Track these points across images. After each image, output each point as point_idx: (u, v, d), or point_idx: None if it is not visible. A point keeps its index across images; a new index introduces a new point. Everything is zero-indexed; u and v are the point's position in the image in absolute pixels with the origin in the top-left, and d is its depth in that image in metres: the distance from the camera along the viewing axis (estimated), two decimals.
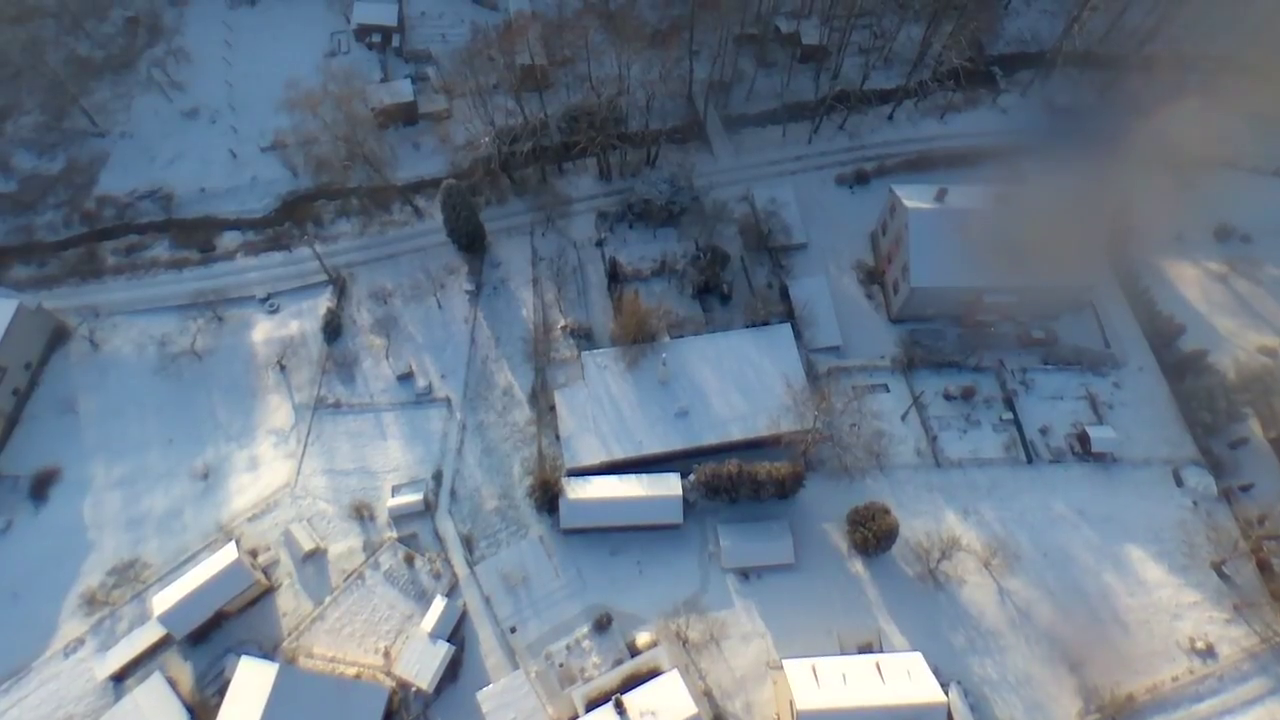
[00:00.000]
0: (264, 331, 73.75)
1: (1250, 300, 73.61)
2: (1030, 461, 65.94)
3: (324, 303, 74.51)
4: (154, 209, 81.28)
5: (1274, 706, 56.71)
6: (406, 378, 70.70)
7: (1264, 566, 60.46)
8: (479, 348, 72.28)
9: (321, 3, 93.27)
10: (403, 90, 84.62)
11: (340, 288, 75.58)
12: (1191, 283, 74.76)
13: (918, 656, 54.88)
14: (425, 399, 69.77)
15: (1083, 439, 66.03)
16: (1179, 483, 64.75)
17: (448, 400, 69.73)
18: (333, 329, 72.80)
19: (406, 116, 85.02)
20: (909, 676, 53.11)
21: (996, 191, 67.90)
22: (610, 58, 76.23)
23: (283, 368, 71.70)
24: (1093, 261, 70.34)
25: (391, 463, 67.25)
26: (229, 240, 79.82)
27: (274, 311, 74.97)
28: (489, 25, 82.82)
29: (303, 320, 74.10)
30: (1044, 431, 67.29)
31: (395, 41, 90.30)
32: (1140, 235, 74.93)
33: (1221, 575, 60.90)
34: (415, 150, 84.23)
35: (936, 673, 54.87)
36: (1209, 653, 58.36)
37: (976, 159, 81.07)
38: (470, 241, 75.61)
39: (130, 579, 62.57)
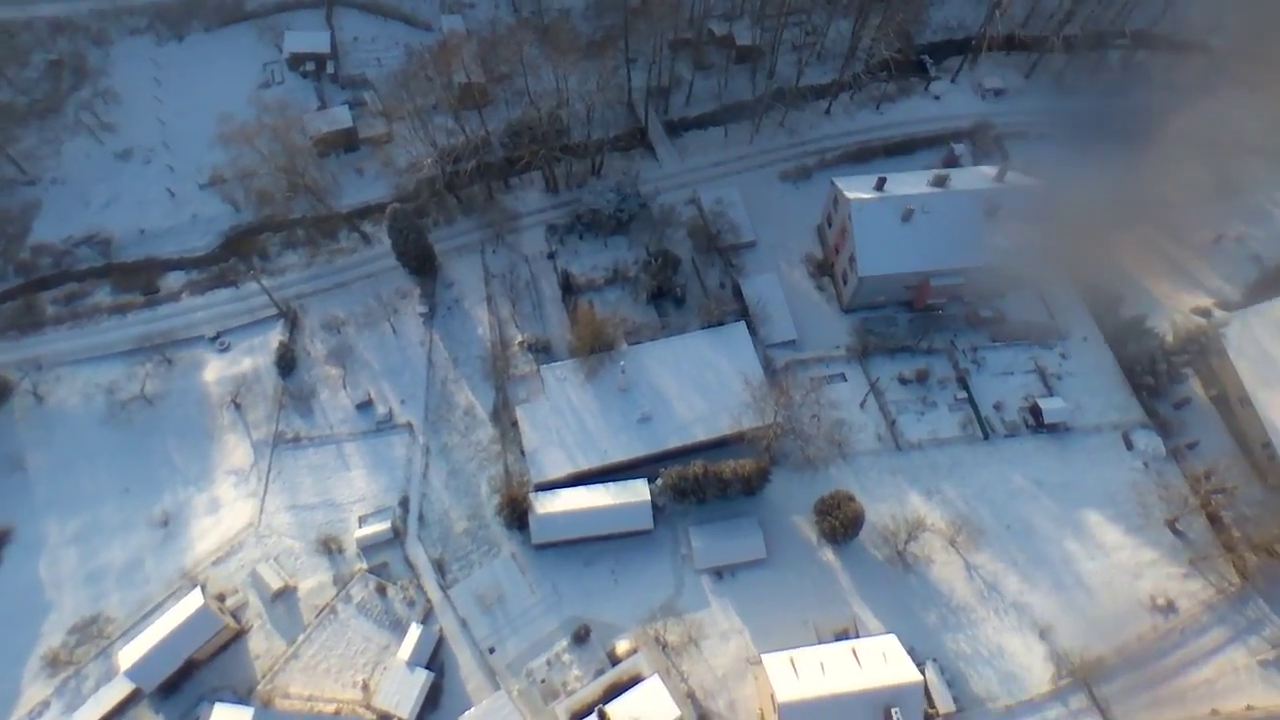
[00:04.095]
0: (216, 371, 72.50)
1: (1182, 263, 76.24)
2: (987, 438, 67.52)
3: (276, 337, 73.48)
4: (92, 254, 79.41)
5: (1234, 655, 58.77)
6: (366, 406, 70.04)
7: (1214, 520, 62.67)
8: (437, 370, 71.91)
9: (251, 34, 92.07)
10: (341, 117, 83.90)
11: (291, 320, 74.62)
12: (1126, 251, 77.14)
13: (892, 638, 55.84)
14: (386, 426, 69.18)
15: (1035, 411, 67.80)
16: (1129, 446, 66.83)
17: (409, 425, 69.21)
18: (286, 363, 71.82)
19: (347, 143, 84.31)
20: (885, 659, 53.98)
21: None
22: (547, 71, 76.43)
23: (238, 406, 70.54)
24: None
25: (357, 493, 66.56)
26: (173, 281, 78.33)
27: (225, 350, 73.73)
28: (423, 46, 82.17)
29: (255, 356, 72.99)
30: (998, 407, 68.94)
31: (330, 68, 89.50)
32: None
33: (1175, 532, 62.98)
34: (358, 176, 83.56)
35: (912, 652, 56.01)
36: (1170, 608, 60.29)
37: (914, 146, 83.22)
38: (420, 264, 75.22)
39: (94, 636, 60.99)
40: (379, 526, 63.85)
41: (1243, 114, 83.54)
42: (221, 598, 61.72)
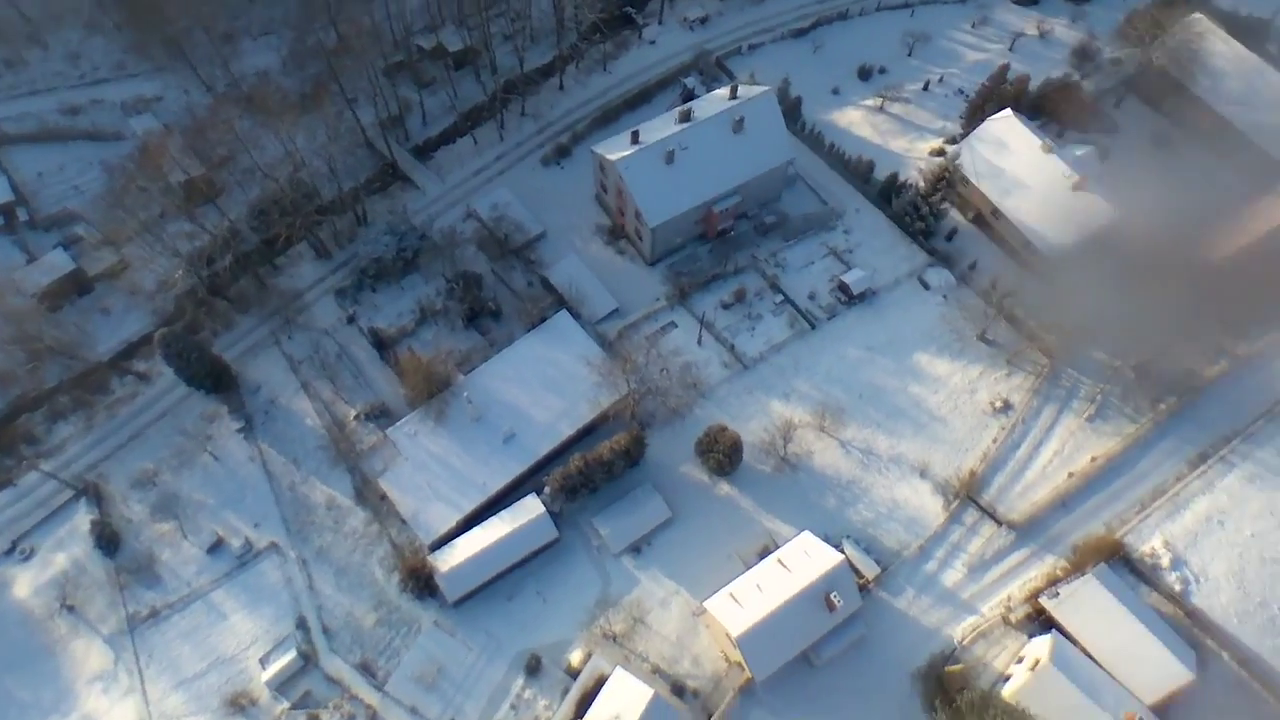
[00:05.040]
0: (27, 583, 63.47)
1: (907, 117, 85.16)
2: (814, 327, 72.59)
3: (83, 519, 65.31)
4: None
5: (1067, 422, 67.74)
6: (217, 546, 64.19)
7: (1012, 320, 71.31)
8: (279, 479, 66.95)
9: None
10: (58, 262, 74.72)
11: (95, 494, 66.51)
12: (861, 123, 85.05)
13: (806, 535, 59.53)
14: (249, 557, 63.84)
15: (843, 288, 73.63)
16: (926, 286, 74.37)
17: (274, 545, 64.26)
18: (108, 540, 64.17)
19: (78, 287, 75.41)
20: (807, 555, 57.53)
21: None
22: (269, 139, 71.93)
23: (71, 609, 62.37)
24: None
25: (246, 637, 61.21)
26: None
27: (28, 557, 64.61)
28: (122, 157, 75.10)
29: (68, 549, 64.60)
30: (812, 296, 74.18)
31: (22, 215, 79.14)
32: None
33: (987, 342, 71.19)
34: (106, 316, 75.10)
35: (827, 540, 60.06)
36: (1007, 407, 68.38)
37: (651, 94, 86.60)
38: (216, 380, 69.21)
39: None
40: (285, 659, 59.18)
41: None
42: None
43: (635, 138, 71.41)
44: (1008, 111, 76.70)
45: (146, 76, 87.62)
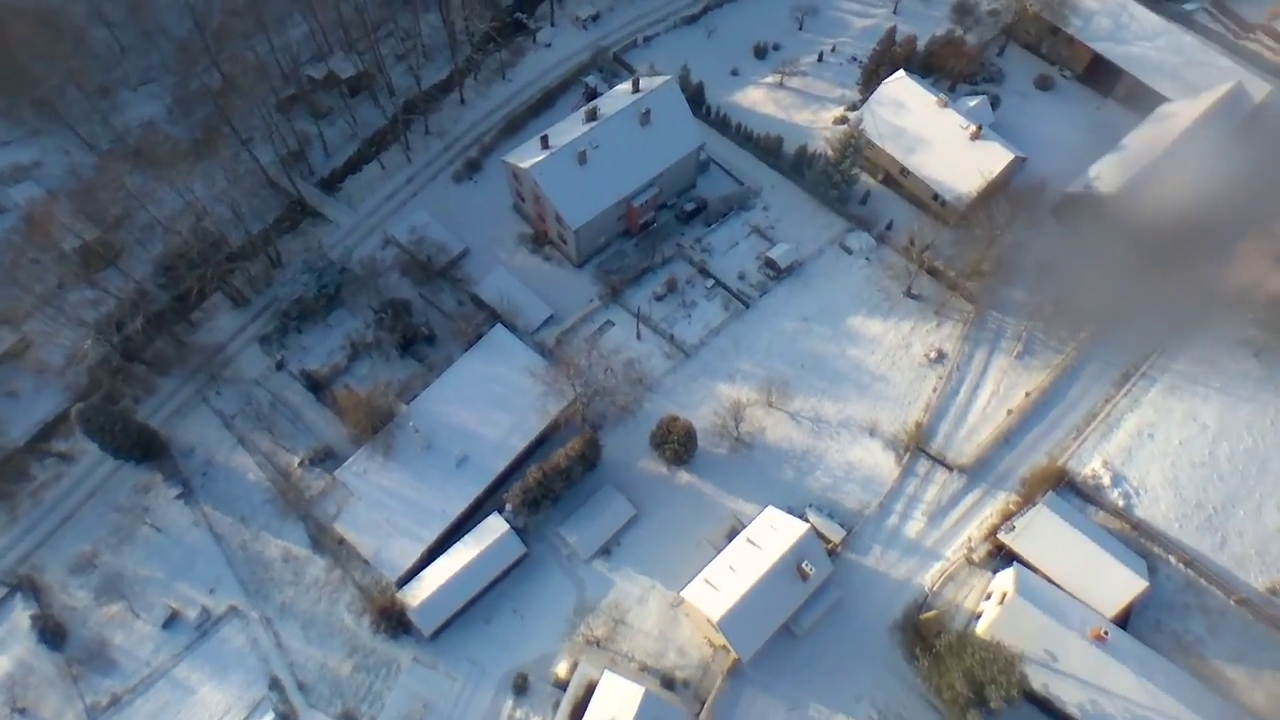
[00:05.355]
0: None
1: (806, 90, 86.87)
2: (748, 306, 73.57)
3: (22, 615, 61.69)
4: None
5: (999, 362, 70.41)
6: (173, 620, 61.52)
7: (933, 273, 73.70)
8: (229, 540, 64.49)
9: None
10: None
11: (30, 587, 62.86)
12: (764, 101, 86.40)
13: (770, 509, 60.48)
14: (208, 625, 61.37)
15: (770, 264, 74.83)
16: (848, 251, 76.18)
17: (234, 609, 61.90)
18: (53, 633, 60.74)
19: None
20: (774, 529, 58.44)
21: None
22: (165, 191, 69.03)
23: (23, 711, 58.85)
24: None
25: (219, 708, 58.83)
26: None
27: None
28: (5, 231, 71.07)
29: (9, 649, 60.94)
30: (742, 276, 75.15)
31: None
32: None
33: (913, 297, 73.40)
34: (15, 400, 70.93)
35: (791, 511, 61.12)
36: (941, 356, 70.69)
37: (553, 97, 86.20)
38: (145, 449, 66.19)
39: None
40: None
41: None
42: None
43: (545, 142, 70.98)
44: (901, 73, 79.09)
45: (21, 143, 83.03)
